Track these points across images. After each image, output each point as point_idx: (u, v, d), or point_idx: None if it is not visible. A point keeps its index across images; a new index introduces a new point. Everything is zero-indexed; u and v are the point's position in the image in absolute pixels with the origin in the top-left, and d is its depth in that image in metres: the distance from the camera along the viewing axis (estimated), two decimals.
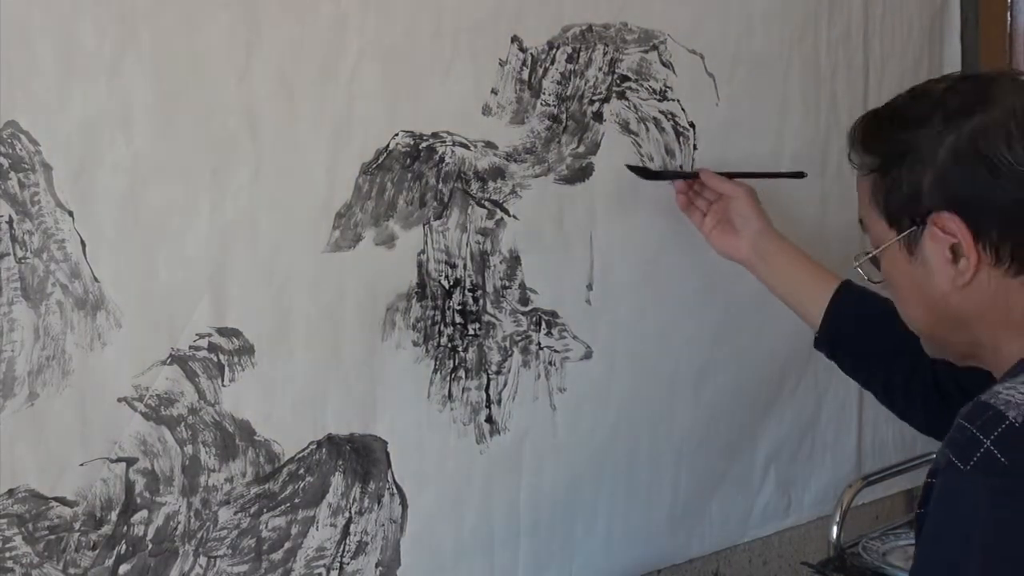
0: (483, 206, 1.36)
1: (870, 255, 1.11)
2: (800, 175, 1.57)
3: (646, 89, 1.50)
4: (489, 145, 1.36)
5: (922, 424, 1.37)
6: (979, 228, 1.00)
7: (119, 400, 1.13)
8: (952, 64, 1.94)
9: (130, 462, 1.14)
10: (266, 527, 1.24)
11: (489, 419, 1.40)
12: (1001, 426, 0.91)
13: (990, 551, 0.89)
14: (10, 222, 1.05)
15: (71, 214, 1.08)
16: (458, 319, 1.36)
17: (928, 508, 0.95)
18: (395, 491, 1.33)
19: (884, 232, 1.07)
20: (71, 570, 1.11)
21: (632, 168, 1.48)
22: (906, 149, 1.02)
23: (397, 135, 1.28)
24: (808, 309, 1.43)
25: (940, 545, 0.93)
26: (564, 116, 1.42)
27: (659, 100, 1.52)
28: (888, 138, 1.05)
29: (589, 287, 1.48)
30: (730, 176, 1.50)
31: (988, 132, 0.99)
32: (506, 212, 1.38)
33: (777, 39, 1.65)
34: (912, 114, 1.04)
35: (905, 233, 1.04)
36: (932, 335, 1.11)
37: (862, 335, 1.37)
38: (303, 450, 1.26)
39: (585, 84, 1.44)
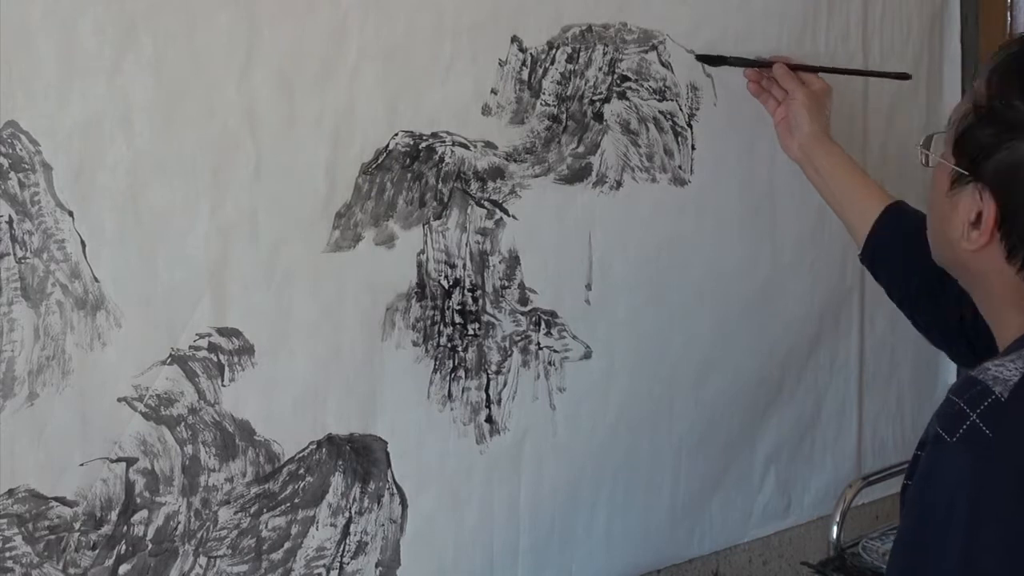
0: (483, 206, 1.37)
1: (934, 160, 1.11)
2: (904, 76, 1.56)
3: (646, 89, 1.50)
4: (489, 145, 1.36)
5: (950, 352, 1.43)
6: (1006, 222, 1.01)
7: (119, 400, 1.13)
8: (952, 64, 1.94)
9: (130, 462, 1.14)
10: (266, 527, 1.24)
11: (489, 419, 1.40)
12: (987, 400, 0.92)
13: (974, 520, 0.91)
14: (10, 222, 1.05)
15: (71, 214, 1.08)
16: (458, 319, 1.36)
17: (914, 480, 0.97)
18: (395, 491, 1.33)
19: (948, 150, 1.07)
20: (71, 570, 1.11)
21: (701, 57, 1.53)
22: (1008, 120, 1.00)
23: (397, 135, 1.28)
24: (854, 221, 1.46)
25: (924, 514, 0.95)
26: (564, 116, 1.42)
27: (659, 100, 1.52)
28: (1006, 94, 1.01)
29: (588, 287, 1.48)
30: (816, 70, 1.52)
31: None
32: (506, 212, 1.38)
33: (777, 39, 1.65)
34: None
35: (957, 170, 1.04)
36: (939, 257, 1.13)
37: (902, 255, 1.39)
38: (303, 450, 1.26)
39: (585, 84, 1.44)
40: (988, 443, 0.91)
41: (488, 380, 1.39)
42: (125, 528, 1.14)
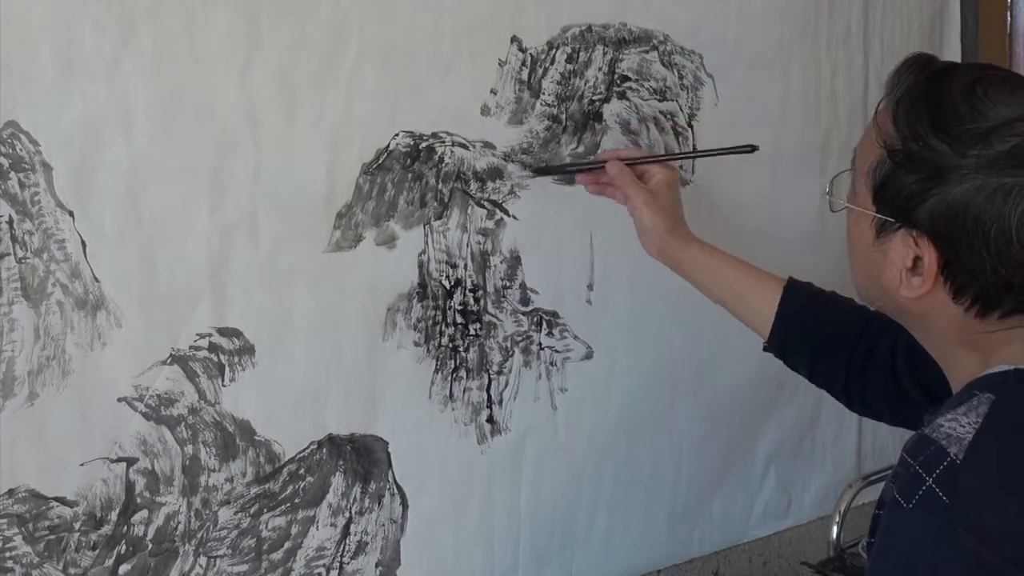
0: (483, 206, 1.37)
1: (839, 205, 1.06)
2: (750, 149, 1.39)
3: (647, 89, 1.50)
4: (488, 145, 1.36)
5: (888, 419, 1.32)
6: (950, 266, 0.96)
7: (119, 400, 1.13)
8: None
9: (130, 462, 1.14)
10: (266, 527, 1.24)
11: (490, 419, 1.40)
12: (943, 463, 0.89)
13: None
14: (10, 222, 1.05)
15: (71, 214, 1.08)
16: (459, 319, 1.36)
17: (876, 542, 0.95)
18: (396, 491, 1.33)
19: (864, 198, 1.01)
20: (71, 570, 1.11)
21: (534, 170, 1.39)
22: (931, 163, 0.94)
23: (397, 135, 1.28)
24: (746, 313, 1.35)
25: None
26: (564, 116, 1.42)
27: (659, 100, 1.52)
28: (920, 135, 0.95)
29: (590, 287, 1.48)
30: (652, 160, 1.38)
31: (1014, 203, 0.91)
32: (506, 212, 1.38)
33: (777, 39, 1.65)
34: (957, 131, 0.94)
35: (881, 218, 0.99)
36: (873, 304, 1.08)
37: (816, 336, 1.31)
38: (303, 450, 1.26)
39: (585, 84, 1.44)
40: (945, 510, 0.87)
41: (489, 380, 1.39)
42: (125, 528, 1.14)
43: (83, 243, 1.09)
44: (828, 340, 1.31)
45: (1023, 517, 0.88)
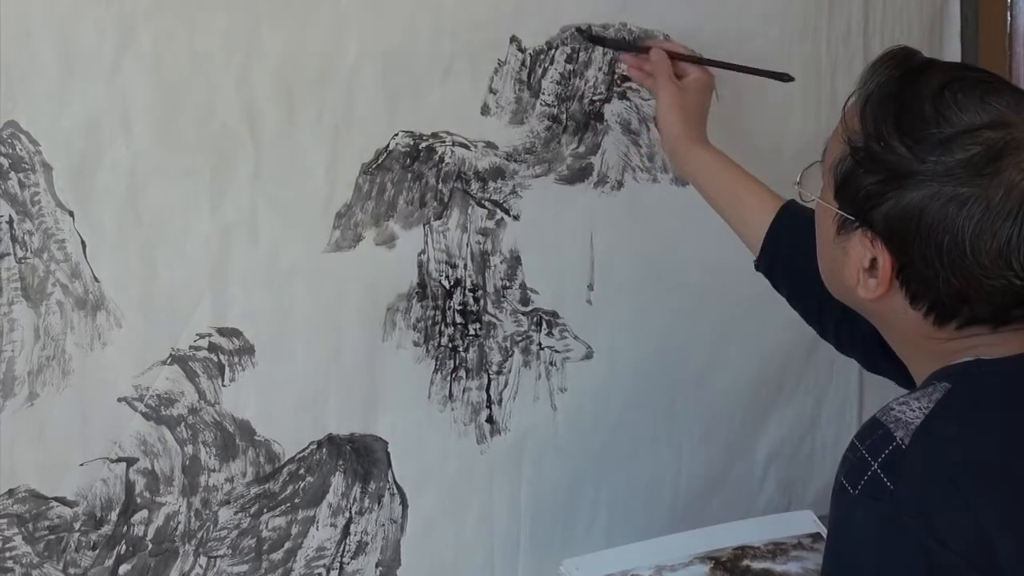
0: (483, 206, 1.37)
1: (812, 200, 1.04)
2: (786, 78, 1.44)
3: (647, 89, 1.50)
4: (489, 145, 1.36)
5: (863, 360, 1.29)
6: (904, 271, 0.94)
7: (119, 400, 1.13)
8: None
9: (130, 462, 1.14)
10: (266, 527, 1.24)
11: (490, 419, 1.40)
12: (888, 448, 0.88)
13: None
14: (10, 222, 1.05)
15: (71, 214, 1.08)
16: (459, 319, 1.36)
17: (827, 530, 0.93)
18: (395, 491, 1.33)
19: (828, 192, 1.00)
20: (71, 570, 1.11)
21: (581, 32, 1.41)
22: (891, 165, 0.92)
23: (397, 135, 1.28)
24: (742, 227, 1.34)
25: (834, 571, 0.91)
26: (564, 116, 1.42)
27: None
28: (883, 135, 0.93)
29: (590, 287, 1.48)
30: (693, 60, 1.42)
31: (968, 214, 0.89)
32: (506, 212, 1.38)
33: (777, 39, 1.65)
34: (919, 134, 0.91)
35: (842, 215, 0.97)
36: (838, 297, 1.05)
37: (800, 263, 1.24)
38: (303, 450, 1.26)
39: (585, 84, 1.44)
40: (889, 496, 0.86)
41: (489, 380, 1.39)
42: (125, 528, 1.14)
43: (83, 243, 1.09)
44: (812, 266, 1.21)
45: (971, 510, 0.86)
